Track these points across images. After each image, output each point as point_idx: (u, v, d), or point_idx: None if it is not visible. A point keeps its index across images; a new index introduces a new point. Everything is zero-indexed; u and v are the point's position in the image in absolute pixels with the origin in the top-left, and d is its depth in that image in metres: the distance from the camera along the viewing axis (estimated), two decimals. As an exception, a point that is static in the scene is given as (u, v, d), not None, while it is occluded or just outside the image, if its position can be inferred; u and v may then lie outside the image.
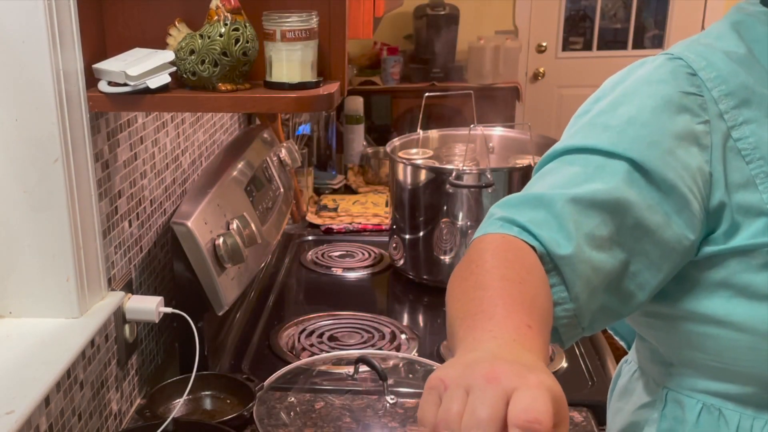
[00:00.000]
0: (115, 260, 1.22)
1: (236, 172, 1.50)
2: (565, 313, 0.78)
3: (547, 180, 0.84)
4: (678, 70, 0.85)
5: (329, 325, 1.54)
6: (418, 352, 1.44)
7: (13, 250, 1.06)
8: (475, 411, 0.55)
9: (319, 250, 1.98)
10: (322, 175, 2.56)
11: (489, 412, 0.54)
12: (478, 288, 0.72)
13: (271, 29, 1.08)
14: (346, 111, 2.72)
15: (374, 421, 1.17)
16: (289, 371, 1.28)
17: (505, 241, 0.78)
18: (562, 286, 0.78)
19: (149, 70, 1.05)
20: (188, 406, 1.28)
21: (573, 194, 0.79)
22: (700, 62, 0.85)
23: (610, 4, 4.66)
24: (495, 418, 0.54)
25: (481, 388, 0.56)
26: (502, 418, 0.54)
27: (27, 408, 0.89)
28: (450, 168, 1.64)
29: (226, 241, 1.31)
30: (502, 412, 0.55)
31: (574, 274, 0.77)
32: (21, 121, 1.00)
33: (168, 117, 1.44)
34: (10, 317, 1.09)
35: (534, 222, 0.78)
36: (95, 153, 1.11)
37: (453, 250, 1.69)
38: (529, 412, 0.54)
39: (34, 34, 0.97)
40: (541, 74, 4.67)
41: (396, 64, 3.96)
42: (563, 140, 0.88)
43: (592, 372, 1.38)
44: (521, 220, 0.79)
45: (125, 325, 1.22)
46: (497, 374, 0.57)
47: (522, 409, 0.54)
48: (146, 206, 1.35)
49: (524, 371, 0.58)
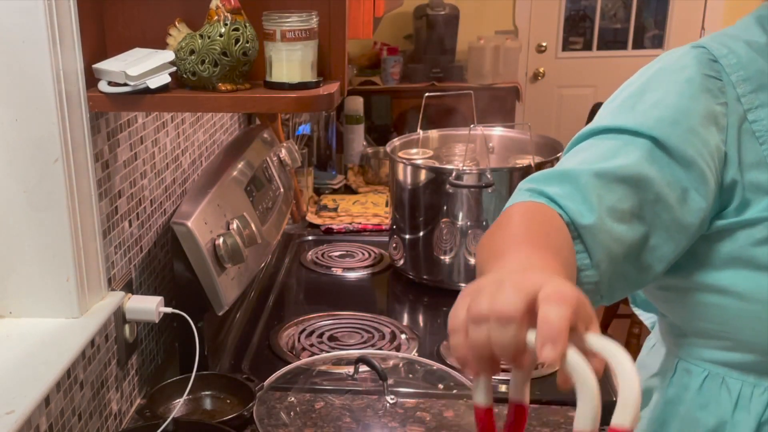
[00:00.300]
0: (115, 260, 1.22)
1: (236, 172, 1.50)
2: (586, 279, 0.83)
3: (575, 158, 0.89)
4: (701, 57, 0.91)
5: (329, 325, 1.54)
6: (418, 352, 1.44)
7: (13, 250, 1.06)
8: (503, 295, 0.58)
9: (319, 250, 1.98)
10: (322, 175, 2.56)
11: (518, 297, 0.57)
12: (506, 238, 0.77)
13: (271, 29, 1.08)
14: (346, 111, 2.72)
15: (374, 421, 1.18)
16: (289, 371, 1.28)
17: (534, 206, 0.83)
18: (585, 253, 0.82)
19: (149, 70, 1.05)
20: (188, 406, 1.28)
21: (597, 169, 0.84)
22: (721, 50, 0.91)
23: (610, 4, 4.65)
24: (523, 300, 0.57)
25: (512, 281, 0.59)
26: (530, 301, 0.57)
27: (27, 408, 0.89)
28: (450, 168, 1.64)
29: (226, 241, 1.31)
30: (530, 297, 0.57)
31: (595, 243, 0.82)
32: (21, 121, 1.00)
33: (168, 117, 1.44)
34: (10, 317, 1.09)
35: (560, 194, 0.83)
36: (95, 153, 1.11)
37: (453, 250, 1.69)
38: (559, 291, 0.57)
39: (34, 34, 0.97)
40: (541, 74, 4.67)
41: (396, 64, 3.96)
42: (593, 123, 0.93)
43: (592, 372, 1.38)
44: (548, 191, 0.84)
45: (125, 325, 1.22)
46: (528, 275, 0.61)
47: (552, 290, 0.57)
48: (146, 206, 1.35)
49: (553, 275, 0.62)
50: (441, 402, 1.22)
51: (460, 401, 1.23)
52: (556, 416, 1.25)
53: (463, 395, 1.23)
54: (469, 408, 1.21)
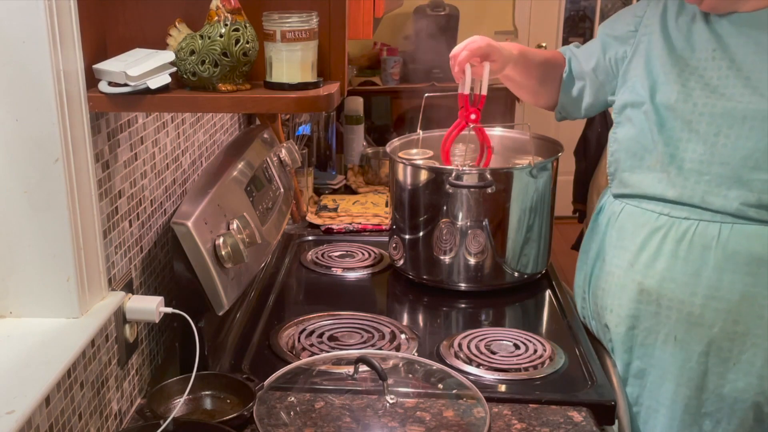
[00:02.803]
0: (116, 260, 1.22)
1: (236, 172, 1.50)
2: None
3: (586, 46, 1.66)
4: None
5: (329, 325, 1.55)
6: (418, 352, 1.44)
7: (13, 250, 1.06)
8: (463, 43, 1.56)
9: (319, 250, 1.98)
10: (322, 175, 2.56)
11: (463, 44, 1.56)
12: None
13: (271, 30, 1.08)
14: (346, 111, 2.72)
15: (374, 421, 1.18)
16: (289, 371, 1.28)
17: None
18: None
19: (149, 71, 1.05)
20: (188, 406, 1.28)
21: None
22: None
23: (609, 4, 4.65)
24: (464, 45, 1.56)
25: (471, 39, 1.57)
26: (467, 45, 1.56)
27: (27, 408, 0.89)
28: (450, 168, 1.64)
29: (226, 241, 1.31)
30: (467, 43, 1.56)
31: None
32: (21, 121, 1.00)
33: (168, 117, 1.44)
34: (11, 317, 1.09)
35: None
36: (95, 153, 1.11)
37: (453, 250, 1.69)
38: (474, 40, 1.55)
39: (35, 34, 0.97)
40: (541, 74, 4.67)
41: (396, 65, 3.96)
42: None
43: (592, 372, 1.38)
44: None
45: (125, 325, 1.22)
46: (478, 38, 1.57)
47: (473, 40, 1.56)
48: (146, 206, 1.35)
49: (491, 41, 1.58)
50: (441, 402, 1.22)
51: (460, 401, 1.23)
52: (556, 416, 1.25)
53: (463, 395, 1.23)
54: (468, 407, 1.21)
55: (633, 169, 1.48)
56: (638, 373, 1.47)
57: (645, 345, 1.45)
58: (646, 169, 1.45)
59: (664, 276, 1.40)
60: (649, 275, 1.42)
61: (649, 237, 1.43)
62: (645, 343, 1.45)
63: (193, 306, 1.27)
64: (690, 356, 1.40)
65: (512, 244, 1.70)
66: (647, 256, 1.42)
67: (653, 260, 1.42)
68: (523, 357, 1.42)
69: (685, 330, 1.39)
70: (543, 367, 1.39)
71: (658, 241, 1.41)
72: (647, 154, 1.44)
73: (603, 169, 3.09)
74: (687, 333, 1.39)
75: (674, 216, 1.40)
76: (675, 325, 1.40)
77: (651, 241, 1.42)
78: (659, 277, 1.41)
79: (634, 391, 1.48)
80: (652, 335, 1.44)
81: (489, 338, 1.49)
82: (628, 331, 1.47)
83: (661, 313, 1.42)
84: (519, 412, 1.26)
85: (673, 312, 1.40)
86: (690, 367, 1.40)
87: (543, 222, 1.73)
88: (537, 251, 1.74)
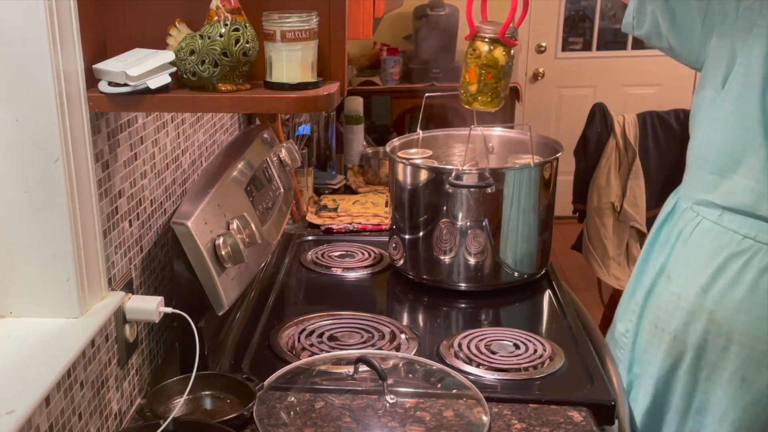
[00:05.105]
0: (116, 260, 1.22)
1: (236, 172, 1.50)
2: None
3: None
4: None
5: (329, 325, 1.55)
6: (418, 352, 1.44)
7: (13, 250, 1.06)
8: None
9: (319, 250, 1.98)
10: (322, 175, 2.56)
11: None
12: None
13: (271, 30, 1.08)
14: (346, 111, 2.72)
15: (374, 421, 1.18)
16: (289, 371, 1.28)
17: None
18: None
19: (149, 71, 1.05)
20: (188, 406, 1.28)
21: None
22: None
23: (609, 4, 4.65)
24: None
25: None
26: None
27: (27, 408, 0.89)
28: (450, 168, 1.64)
29: (226, 241, 1.31)
30: None
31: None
32: (21, 121, 1.00)
33: (168, 117, 1.44)
34: (11, 317, 1.09)
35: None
36: (95, 153, 1.11)
37: (453, 250, 1.69)
38: None
39: (34, 34, 0.97)
40: (540, 74, 4.67)
41: (396, 65, 3.96)
42: None
43: (591, 372, 1.38)
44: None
45: (125, 325, 1.22)
46: None
47: None
48: (146, 206, 1.35)
49: None
50: (441, 402, 1.22)
51: (460, 401, 1.23)
52: (556, 416, 1.25)
53: (462, 395, 1.23)
54: (468, 407, 1.21)
55: (724, 172, 1.25)
56: (700, 409, 1.33)
57: (710, 380, 1.31)
58: (739, 175, 1.23)
59: (740, 308, 1.25)
60: (724, 305, 1.26)
61: (727, 261, 1.26)
62: (711, 378, 1.31)
63: (193, 306, 1.27)
64: (758, 399, 1.25)
65: (512, 244, 1.70)
66: (724, 284, 1.26)
67: (729, 289, 1.25)
68: (523, 357, 1.42)
69: (756, 371, 1.25)
70: (543, 367, 1.39)
71: (738, 267, 1.24)
72: (745, 158, 1.22)
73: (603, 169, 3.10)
74: (758, 374, 1.24)
75: (760, 241, 1.22)
76: (744, 365, 1.26)
77: (729, 267, 1.25)
78: (734, 308, 1.25)
79: (696, 427, 1.35)
80: (717, 372, 1.30)
81: (489, 338, 1.49)
82: (693, 362, 1.33)
83: (730, 348, 1.27)
84: (519, 412, 1.26)
85: (745, 349, 1.25)
86: (756, 412, 1.26)
87: (543, 222, 1.73)
88: (537, 251, 1.74)
